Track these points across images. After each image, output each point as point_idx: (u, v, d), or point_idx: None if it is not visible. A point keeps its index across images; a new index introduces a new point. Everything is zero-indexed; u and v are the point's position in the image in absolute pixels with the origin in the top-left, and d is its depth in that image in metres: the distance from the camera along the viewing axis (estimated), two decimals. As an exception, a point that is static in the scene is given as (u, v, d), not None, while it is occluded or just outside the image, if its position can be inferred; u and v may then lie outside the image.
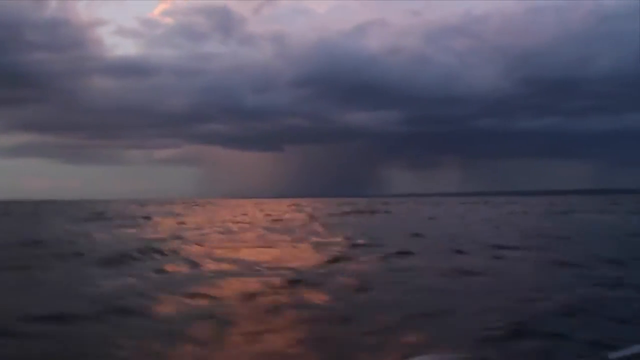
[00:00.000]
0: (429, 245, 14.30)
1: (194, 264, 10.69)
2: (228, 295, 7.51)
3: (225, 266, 10.51)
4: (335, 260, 11.12)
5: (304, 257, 12.13)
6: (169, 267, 10.32)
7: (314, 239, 16.76)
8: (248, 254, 12.52)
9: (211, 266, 10.49)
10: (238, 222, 27.70)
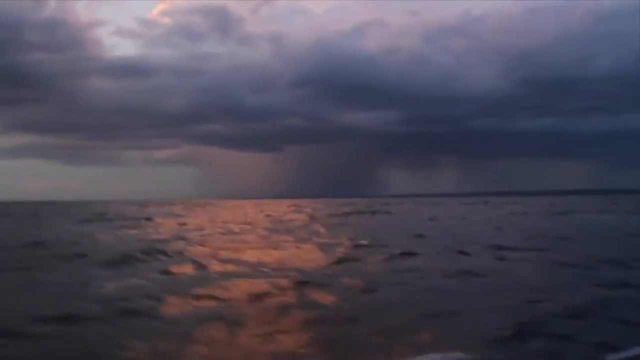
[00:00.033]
0: (431, 246, 14.33)
1: (199, 265, 10.67)
2: (236, 296, 7.54)
3: (230, 267, 10.52)
4: (340, 261, 11.18)
5: (308, 258, 12.15)
6: (174, 268, 10.29)
7: (317, 239, 16.77)
8: (252, 255, 12.53)
9: (216, 267, 10.49)
10: (239, 223, 27.72)
